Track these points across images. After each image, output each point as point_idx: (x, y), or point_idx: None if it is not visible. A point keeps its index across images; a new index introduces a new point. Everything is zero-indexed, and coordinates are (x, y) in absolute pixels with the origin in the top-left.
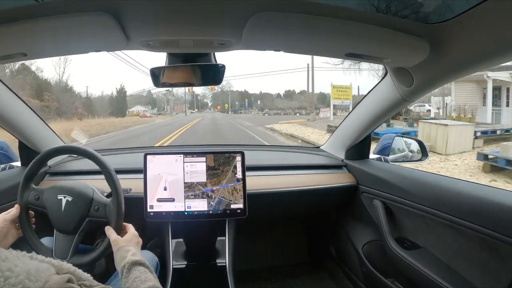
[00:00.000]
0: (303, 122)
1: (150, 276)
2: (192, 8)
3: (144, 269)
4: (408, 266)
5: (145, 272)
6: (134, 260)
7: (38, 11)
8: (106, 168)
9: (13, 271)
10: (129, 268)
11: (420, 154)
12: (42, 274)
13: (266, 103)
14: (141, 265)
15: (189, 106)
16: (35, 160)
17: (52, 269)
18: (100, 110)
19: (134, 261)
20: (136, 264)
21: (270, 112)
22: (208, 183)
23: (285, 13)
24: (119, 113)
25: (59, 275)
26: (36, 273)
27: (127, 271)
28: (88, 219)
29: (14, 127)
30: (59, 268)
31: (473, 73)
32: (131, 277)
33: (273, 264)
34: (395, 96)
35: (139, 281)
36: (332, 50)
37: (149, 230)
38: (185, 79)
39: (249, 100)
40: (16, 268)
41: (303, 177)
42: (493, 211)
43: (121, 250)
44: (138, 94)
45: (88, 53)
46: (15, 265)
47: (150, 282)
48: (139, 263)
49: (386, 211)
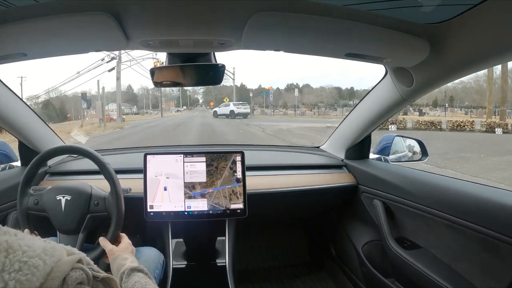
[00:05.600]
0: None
1: (150, 282)
2: (192, 8)
3: (143, 275)
4: (408, 266)
5: (144, 278)
6: (133, 267)
7: (38, 11)
8: (101, 162)
9: (30, 246)
10: (129, 274)
11: (420, 154)
12: (56, 252)
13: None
14: (140, 271)
15: (176, 103)
16: (31, 164)
17: (64, 251)
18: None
19: (134, 268)
20: (135, 270)
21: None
22: (208, 183)
23: (285, 13)
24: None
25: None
26: (52, 250)
27: (127, 276)
28: (89, 215)
29: (14, 127)
30: (70, 251)
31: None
32: (131, 282)
33: (273, 264)
34: (395, 96)
35: (139, 285)
36: (332, 50)
37: (149, 230)
38: (185, 79)
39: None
40: (34, 245)
41: (303, 177)
42: (493, 211)
43: (118, 258)
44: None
45: (88, 53)
46: (32, 243)
47: (150, 286)
48: (138, 269)
49: (386, 211)
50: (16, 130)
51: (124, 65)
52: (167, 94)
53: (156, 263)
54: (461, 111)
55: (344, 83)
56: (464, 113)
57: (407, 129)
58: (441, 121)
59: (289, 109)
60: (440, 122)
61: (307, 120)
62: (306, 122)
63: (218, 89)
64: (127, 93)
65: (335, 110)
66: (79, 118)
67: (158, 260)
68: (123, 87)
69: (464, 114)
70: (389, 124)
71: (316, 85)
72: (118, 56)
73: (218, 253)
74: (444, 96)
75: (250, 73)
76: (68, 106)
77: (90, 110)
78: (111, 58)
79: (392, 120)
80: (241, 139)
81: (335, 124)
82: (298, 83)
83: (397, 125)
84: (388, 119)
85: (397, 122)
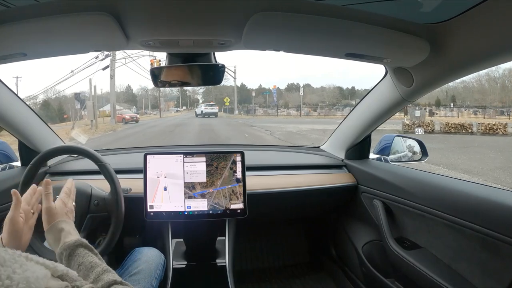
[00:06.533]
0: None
1: (95, 258)
2: (192, 8)
3: (87, 251)
4: (408, 266)
5: (89, 254)
6: (72, 243)
7: (38, 11)
8: (101, 162)
9: (12, 279)
10: (70, 254)
11: (420, 154)
12: (41, 281)
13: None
14: (81, 246)
15: (175, 103)
16: (31, 165)
17: (48, 273)
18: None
19: (73, 244)
20: (76, 247)
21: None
22: (208, 183)
23: (285, 13)
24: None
25: (56, 280)
26: (36, 281)
27: (67, 258)
28: (89, 215)
29: (14, 127)
30: (54, 270)
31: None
32: (74, 265)
33: (273, 264)
34: (395, 96)
35: (84, 268)
36: (332, 50)
37: (149, 230)
38: (185, 79)
39: (249, 96)
40: (15, 276)
41: (303, 177)
42: (493, 211)
43: (53, 229)
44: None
45: (88, 53)
46: (14, 271)
47: (97, 267)
48: (78, 244)
49: (386, 211)
50: (16, 130)
51: (119, 63)
52: (167, 94)
53: (157, 263)
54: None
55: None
56: (473, 114)
57: (435, 133)
58: (471, 124)
59: (291, 109)
60: (471, 125)
61: (314, 121)
62: (314, 123)
63: (218, 89)
64: (126, 93)
65: (340, 110)
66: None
67: (159, 260)
68: (122, 87)
69: (473, 115)
70: (415, 127)
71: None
72: (112, 53)
73: (218, 253)
74: (446, 96)
75: (250, 73)
76: (65, 106)
77: (84, 110)
78: (105, 56)
79: (419, 123)
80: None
81: None
82: (298, 83)
83: (424, 128)
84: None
85: (424, 125)
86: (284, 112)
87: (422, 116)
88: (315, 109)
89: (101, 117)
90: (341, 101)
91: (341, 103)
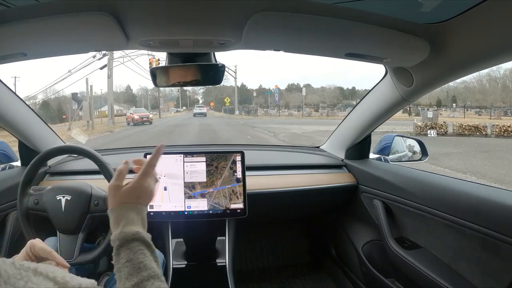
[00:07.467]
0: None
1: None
2: (192, 8)
3: (143, 247)
4: (408, 266)
5: (140, 252)
6: (128, 236)
7: (38, 11)
8: (101, 162)
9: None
10: (120, 246)
11: (420, 154)
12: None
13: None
14: (137, 240)
15: (175, 103)
16: (31, 164)
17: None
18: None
19: (127, 237)
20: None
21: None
22: (208, 183)
23: (285, 13)
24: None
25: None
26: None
27: (117, 251)
28: (89, 215)
29: (14, 127)
30: (64, 286)
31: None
32: (121, 260)
33: (273, 264)
34: (395, 96)
35: (130, 265)
36: (332, 50)
37: (149, 230)
38: (185, 79)
39: (249, 96)
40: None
41: (303, 177)
42: (493, 211)
43: (112, 215)
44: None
45: (88, 53)
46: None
47: (145, 271)
48: (135, 238)
49: (386, 211)
50: (16, 130)
51: (117, 62)
52: (167, 94)
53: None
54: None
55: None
56: (477, 114)
57: (448, 135)
58: (486, 125)
59: (292, 109)
60: (485, 127)
61: (318, 121)
62: (318, 124)
63: (218, 89)
64: (126, 94)
65: (342, 110)
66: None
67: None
68: (122, 88)
69: (477, 115)
70: (427, 129)
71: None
72: (110, 53)
73: (218, 253)
74: (447, 96)
75: (250, 73)
76: (65, 106)
77: (81, 111)
78: (103, 55)
79: (431, 124)
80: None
81: None
82: (299, 83)
83: (437, 130)
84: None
85: (437, 127)
86: (286, 113)
87: (435, 118)
88: (317, 110)
89: (100, 118)
90: (342, 101)
91: (342, 103)
